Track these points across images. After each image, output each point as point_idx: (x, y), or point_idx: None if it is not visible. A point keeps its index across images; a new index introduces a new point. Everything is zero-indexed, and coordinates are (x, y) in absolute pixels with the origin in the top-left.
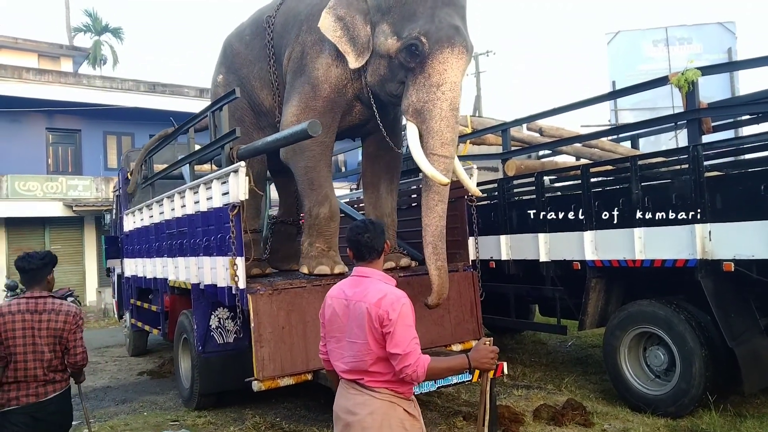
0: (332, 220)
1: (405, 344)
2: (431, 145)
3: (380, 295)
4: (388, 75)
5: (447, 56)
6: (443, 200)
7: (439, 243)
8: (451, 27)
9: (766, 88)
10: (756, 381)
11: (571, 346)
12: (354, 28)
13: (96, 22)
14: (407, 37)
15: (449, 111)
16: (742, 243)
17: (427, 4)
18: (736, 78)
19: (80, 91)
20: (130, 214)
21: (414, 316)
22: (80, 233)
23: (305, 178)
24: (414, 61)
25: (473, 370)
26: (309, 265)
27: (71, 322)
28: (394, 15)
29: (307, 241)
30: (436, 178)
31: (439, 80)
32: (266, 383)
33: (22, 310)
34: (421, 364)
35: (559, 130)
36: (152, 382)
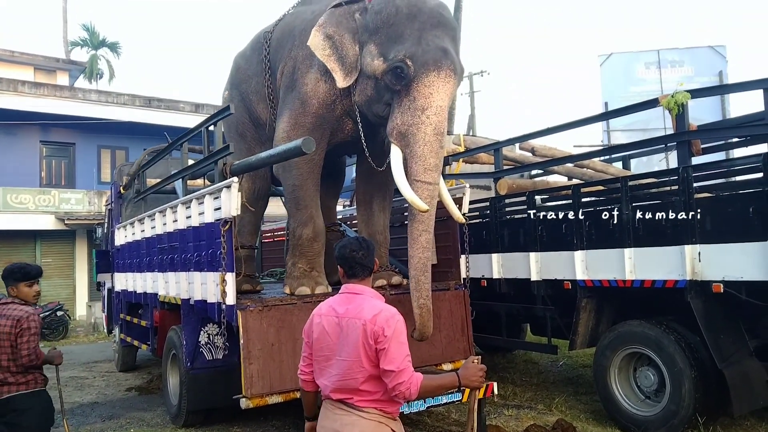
0: (315, 240)
1: (399, 361)
2: (414, 170)
3: (375, 312)
4: (374, 96)
5: (433, 80)
6: (428, 230)
7: (422, 277)
8: (438, 50)
9: (755, 112)
10: (745, 403)
11: (562, 366)
12: (342, 47)
13: (93, 36)
14: (393, 59)
15: (433, 136)
16: (731, 264)
17: (414, 25)
18: (727, 101)
19: (75, 105)
20: (121, 228)
21: (407, 334)
22: (71, 247)
23: (292, 197)
24: (399, 84)
25: (463, 388)
26: (291, 286)
27: (17, 325)
28: (381, 36)
29: (290, 261)
30: (414, 203)
31: (425, 104)
32: (254, 401)
33: None
34: (414, 382)
35: (552, 150)
36: (140, 399)
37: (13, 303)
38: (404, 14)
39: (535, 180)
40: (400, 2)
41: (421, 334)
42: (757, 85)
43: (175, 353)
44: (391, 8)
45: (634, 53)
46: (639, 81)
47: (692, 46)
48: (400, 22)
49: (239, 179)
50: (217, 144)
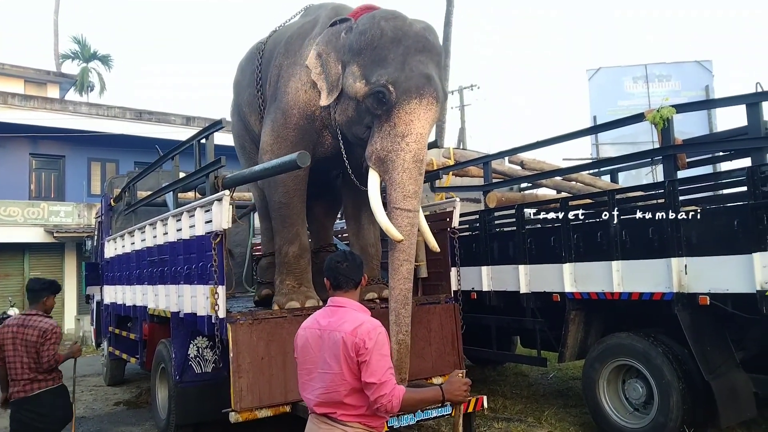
0: (301, 257)
1: (380, 373)
2: (393, 198)
3: (356, 324)
4: (355, 118)
5: (414, 107)
6: (409, 260)
7: (402, 311)
8: (422, 76)
9: (739, 126)
10: (732, 414)
11: (552, 379)
12: (327, 65)
13: (84, 49)
14: (375, 84)
15: (413, 163)
16: (717, 277)
17: (398, 50)
18: (713, 115)
19: (65, 117)
20: (111, 241)
21: (390, 347)
22: (61, 259)
23: (278, 214)
24: (380, 109)
25: (446, 402)
26: (279, 302)
27: (41, 336)
28: (364, 57)
29: (278, 278)
30: (390, 232)
31: (405, 131)
32: (244, 415)
33: (14, 324)
34: (396, 395)
35: (540, 164)
36: (128, 413)
37: (37, 315)
38: (389, 37)
39: (524, 193)
40: (385, 24)
41: (398, 371)
42: (740, 101)
43: (164, 367)
44: (376, 30)
45: (622, 68)
46: (627, 95)
47: (679, 61)
48: (384, 45)
49: (231, 192)
50: (208, 157)
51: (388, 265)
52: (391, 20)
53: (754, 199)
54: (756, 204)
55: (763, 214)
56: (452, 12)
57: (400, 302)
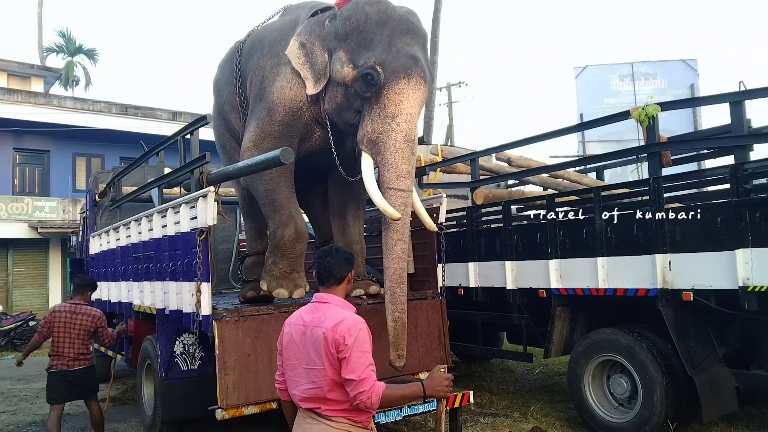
0: (298, 241)
1: (360, 370)
2: (387, 178)
3: (337, 320)
4: (344, 103)
5: (403, 87)
6: (403, 239)
7: (398, 289)
8: (408, 57)
9: (723, 125)
10: (714, 409)
11: (538, 374)
12: (313, 54)
13: (69, 42)
14: (363, 66)
15: (404, 143)
16: (701, 273)
17: (384, 32)
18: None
19: (50, 112)
20: (96, 237)
21: (371, 343)
22: (45, 255)
23: (267, 201)
24: (370, 91)
25: (428, 398)
26: (269, 284)
27: (95, 321)
28: (351, 42)
29: (270, 259)
30: (387, 211)
31: (395, 111)
32: (230, 412)
33: (65, 310)
34: (375, 392)
35: (527, 161)
36: (114, 410)
37: (82, 305)
38: (374, 21)
39: (511, 190)
40: (369, 9)
41: (395, 348)
42: (723, 99)
43: (150, 363)
44: (361, 15)
45: (608, 66)
46: (614, 93)
47: (665, 59)
48: (370, 29)
49: (216, 188)
50: (193, 153)
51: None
52: (375, 5)
53: (737, 197)
54: (739, 201)
55: (745, 211)
56: (440, 9)
57: (395, 281)
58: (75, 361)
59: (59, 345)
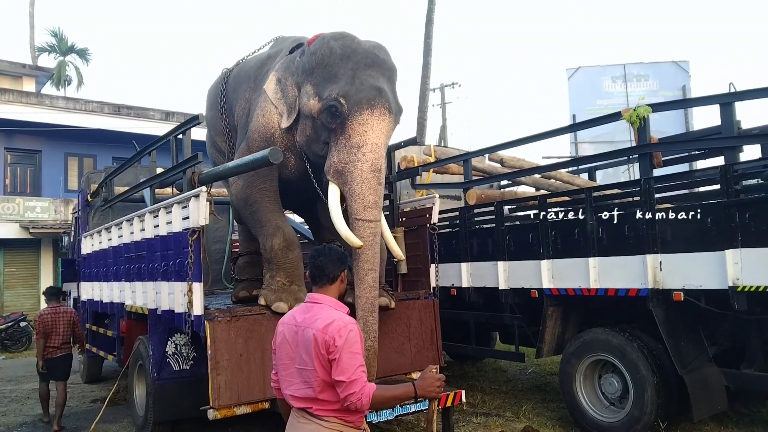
0: (289, 249)
1: (350, 371)
2: (354, 209)
3: (328, 321)
4: (312, 135)
5: (367, 117)
6: (374, 268)
7: (370, 318)
8: (372, 88)
9: (713, 126)
10: (704, 408)
11: (530, 374)
12: (286, 89)
13: (61, 42)
14: (327, 98)
15: (370, 173)
16: (691, 273)
17: (348, 65)
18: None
19: (42, 112)
20: (88, 237)
21: (362, 344)
22: (36, 256)
23: (254, 221)
24: (335, 122)
25: (419, 398)
26: (267, 298)
27: (73, 316)
28: (317, 76)
29: (268, 273)
30: (349, 239)
31: (360, 141)
32: (222, 412)
33: (49, 312)
34: (365, 393)
35: (520, 161)
36: (106, 410)
37: (59, 306)
38: (338, 55)
39: (504, 190)
40: (334, 43)
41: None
42: (713, 100)
43: (142, 364)
44: (326, 49)
45: (600, 67)
46: (606, 94)
47: (657, 61)
48: (334, 63)
49: (208, 188)
50: (185, 153)
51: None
52: (340, 39)
53: (727, 197)
54: (729, 202)
55: (735, 212)
56: (434, 10)
57: (368, 310)
58: (58, 350)
59: (53, 338)
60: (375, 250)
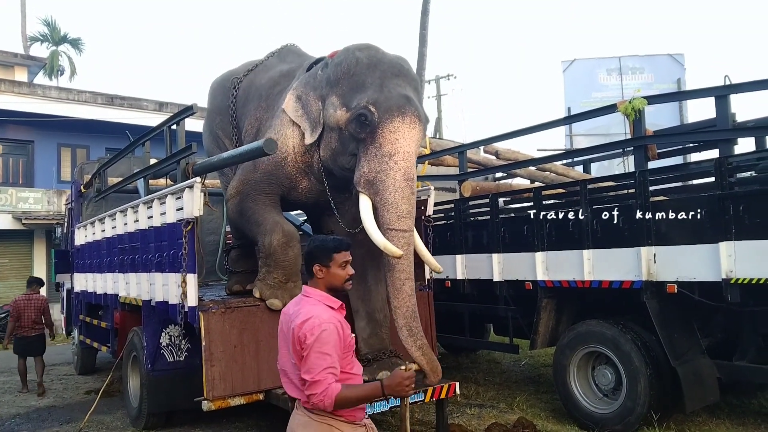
0: (288, 246)
1: (315, 372)
2: (387, 219)
3: (306, 318)
4: (339, 148)
5: (398, 125)
6: (410, 277)
7: (413, 323)
8: (401, 96)
9: (708, 118)
10: (697, 399)
11: (524, 366)
12: (308, 104)
13: (54, 32)
14: (356, 107)
15: (403, 181)
16: (685, 266)
17: (375, 74)
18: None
19: (34, 102)
20: (81, 228)
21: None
22: (29, 247)
23: (249, 224)
24: (364, 131)
25: (387, 397)
26: (263, 293)
27: (43, 302)
28: (342, 87)
29: (264, 268)
30: (388, 249)
31: (391, 150)
32: (216, 403)
33: (23, 298)
34: (328, 395)
35: (515, 154)
36: (100, 402)
37: (33, 294)
38: (365, 64)
39: (499, 183)
40: (359, 54)
41: (433, 373)
42: (708, 93)
43: (136, 355)
44: (351, 59)
45: (596, 59)
46: (601, 87)
47: (652, 53)
48: (361, 72)
49: (202, 179)
50: (179, 143)
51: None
52: (365, 50)
53: (721, 190)
54: (723, 194)
55: (729, 205)
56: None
57: (410, 317)
58: (31, 330)
59: (22, 320)
60: (410, 259)
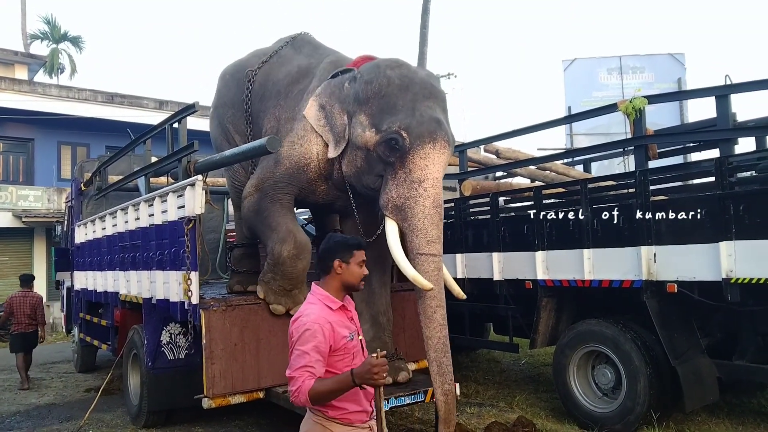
0: (298, 258)
1: (293, 368)
2: (417, 244)
3: (297, 316)
4: (365, 168)
5: (429, 151)
6: (442, 305)
7: (444, 359)
8: (432, 121)
9: (708, 118)
10: (697, 399)
11: (524, 365)
12: (332, 116)
13: (54, 29)
14: (387, 131)
15: (433, 208)
16: (685, 265)
17: (407, 96)
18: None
19: (34, 100)
20: (81, 226)
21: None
22: (29, 245)
23: (264, 226)
24: (393, 156)
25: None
26: (267, 297)
27: (37, 300)
28: (372, 106)
29: (269, 273)
30: (417, 281)
31: (421, 176)
32: (216, 401)
33: (19, 295)
34: (302, 391)
35: (515, 153)
36: (100, 399)
37: (28, 291)
38: (396, 85)
39: (499, 182)
40: (391, 73)
41: (446, 424)
42: (709, 93)
43: (137, 353)
44: (383, 79)
45: (596, 59)
46: (601, 86)
47: (653, 53)
48: (393, 93)
49: (204, 177)
50: (181, 141)
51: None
52: (396, 68)
53: (722, 189)
54: (723, 194)
55: (729, 204)
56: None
57: (440, 351)
58: (28, 326)
59: (18, 316)
60: (441, 286)
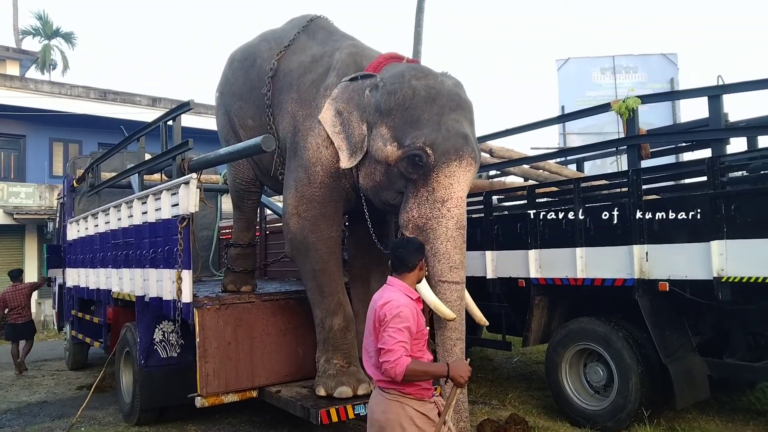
0: (348, 330)
1: (390, 343)
2: (439, 270)
3: (387, 300)
4: (384, 183)
5: (454, 169)
6: (461, 338)
7: (461, 396)
8: (459, 136)
9: (701, 118)
10: (688, 396)
11: (516, 362)
12: (350, 124)
13: (46, 25)
14: (410, 147)
15: (456, 230)
16: (677, 264)
17: (433, 109)
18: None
19: (26, 96)
20: (74, 223)
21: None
22: (21, 242)
23: (314, 284)
24: (416, 173)
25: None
26: (327, 386)
27: (29, 286)
28: (395, 119)
29: (323, 357)
30: (440, 310)
31: (445, 195)
32: (210, 399)
33: (11, 290)
34: (400, 364)
35: (509, 152)
36: (92, 397)
37: (19, 285)
38: (422, 97)
39: (493, 181)
40: (416, 83)
41: None
42: (701, 93)
43: (129, 351)
44: (408, 90)
45: (590, 59)
46: (595, 86)
47: (646, 53)
48: (418, 105)
49: (198, 175)
50: (175, 139)
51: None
52: (422, 79)
53: (713, 189)
54: (715, 193)
55: (721, 204)
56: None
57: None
58: (21, 317)
59: (14, 308)
60: (462, 316)
